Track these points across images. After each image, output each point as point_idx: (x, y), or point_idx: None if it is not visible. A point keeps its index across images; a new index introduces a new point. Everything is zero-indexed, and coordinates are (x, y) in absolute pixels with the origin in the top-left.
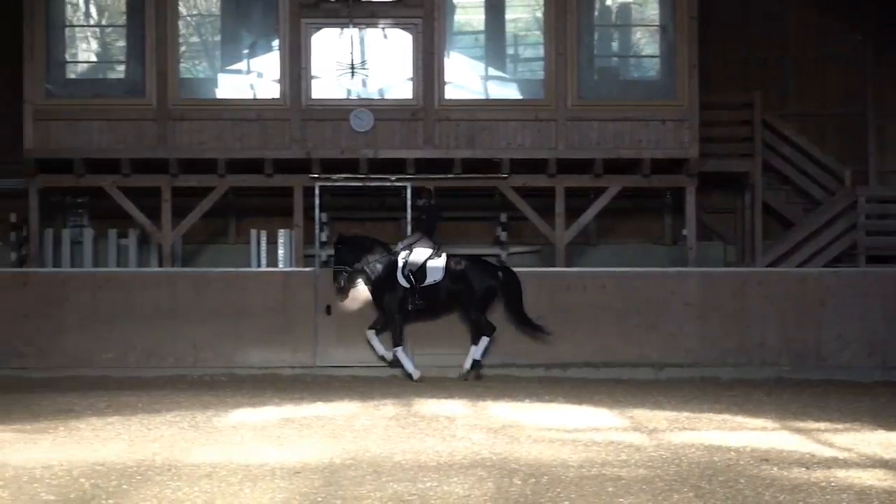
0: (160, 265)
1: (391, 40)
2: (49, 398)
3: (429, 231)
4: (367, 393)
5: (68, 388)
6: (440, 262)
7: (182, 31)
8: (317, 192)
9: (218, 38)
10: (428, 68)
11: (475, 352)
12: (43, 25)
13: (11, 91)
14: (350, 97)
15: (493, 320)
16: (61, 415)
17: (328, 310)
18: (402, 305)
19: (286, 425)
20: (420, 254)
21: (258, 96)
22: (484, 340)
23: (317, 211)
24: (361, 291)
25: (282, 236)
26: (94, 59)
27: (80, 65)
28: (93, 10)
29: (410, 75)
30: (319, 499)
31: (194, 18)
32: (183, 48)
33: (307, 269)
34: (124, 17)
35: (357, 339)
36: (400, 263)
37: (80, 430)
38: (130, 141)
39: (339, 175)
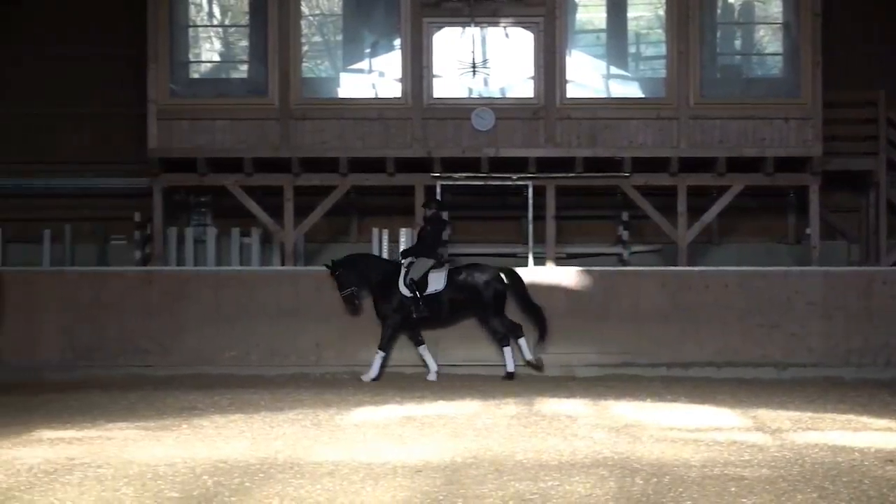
0: (282, 264)
1: (512, 39)
2: (173, 396)
3: (434, 241)
4: (488, 391)
5: (191, 386)
6: (442, 271)
7: (304, 30)
8: (438, 190)
9: (340, 37)
10: (549, 67)
11: (508, 357)
12: (167, 26)
13: (136, 91)
14: (471, 96)
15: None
16: (185, 412)
17: None
18: (402, 314)
19: (408, 423)
20: (422, 264)
21: (380, 95)
22: (522, 341)
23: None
24: None
25: (403, 235)
26: (217, 58)
27: (204, 65)
28: (216, 10)
29: (532, 74)
30: (441, 497)
31: (316, 18)
32: (305, 48)
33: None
34: (247, 17)
35: (477, 338)
36: (401, 273)
37: (203, 427)
38: (253, 140)
39: (460, 174)
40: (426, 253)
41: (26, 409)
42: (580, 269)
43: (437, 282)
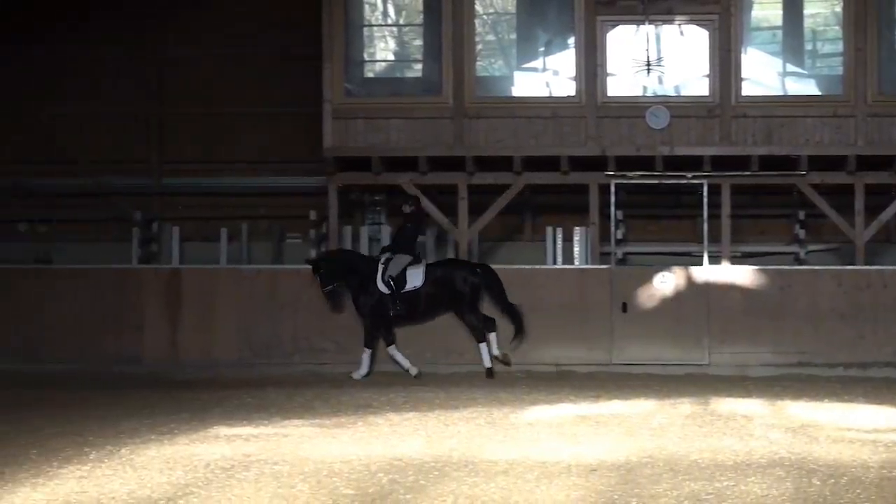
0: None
1: (687, 37)
2: (348, 393)
3: (413, 238)
4: (663, 391)
5: (366, 384)
6: (420, 268)
7: (478, 29)
8: (612, 189)
9: (513, 36)
10: (724, 65)
11: (485, 352)
12: (342, 26)
13: (311, 91)
14: (646, 94)
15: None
16: (360, 410)
17: (624, 307)
18: (381, 310)
19: (582, 422)
20: (400, 260)
21: (554, 94)
22: (492, 336)
23: (612, 208)
24: (659, 289)
25: (577, 234)
26: (391, 58)
27: (378, 64)
28: (390, 10)
29: (707, 72)
30: (615, 497)
31: (490, 17)
32: (479, 46)
33: (603, 266)
34: (421, 16)
35: (653, 337)
36: (379, 270)
37: (378, 425)
38: (427, 139)
39: (634, 172)
40: (404, 250)
41: (203, 406)
42: (755, 267)
43: (415, 278)
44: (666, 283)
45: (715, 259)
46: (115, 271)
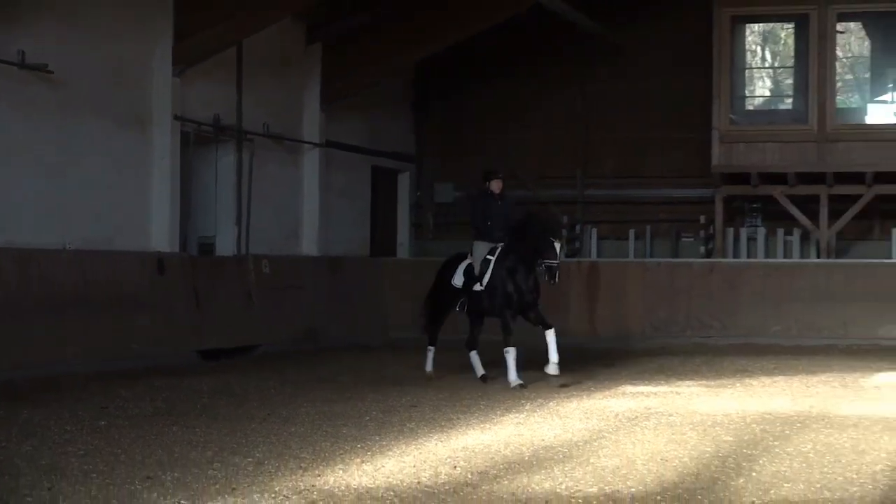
0: (818, 258)
1: None
2: (728, 360)
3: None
4: None
5: (743, 353)
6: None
7: (839, 70)
8: None
9: (867, 74)
10: None
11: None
12: (728, 69)
13: (701, 120)
14: None
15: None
16: (738, 374)
17: None
18: None
19: None
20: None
21: None
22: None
23: None
24: None
25: None
26: (767, 94)
27: (757, 99)
28: (767, 55)
29: None
30: None
31: (849, 59)
32: (839, 84)
33: None
34: (792, 60)
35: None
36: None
37: (752, 386)
38: (795, 158)
39: None
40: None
41: (615, 369)
42: None
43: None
44: None
45: None
46: None
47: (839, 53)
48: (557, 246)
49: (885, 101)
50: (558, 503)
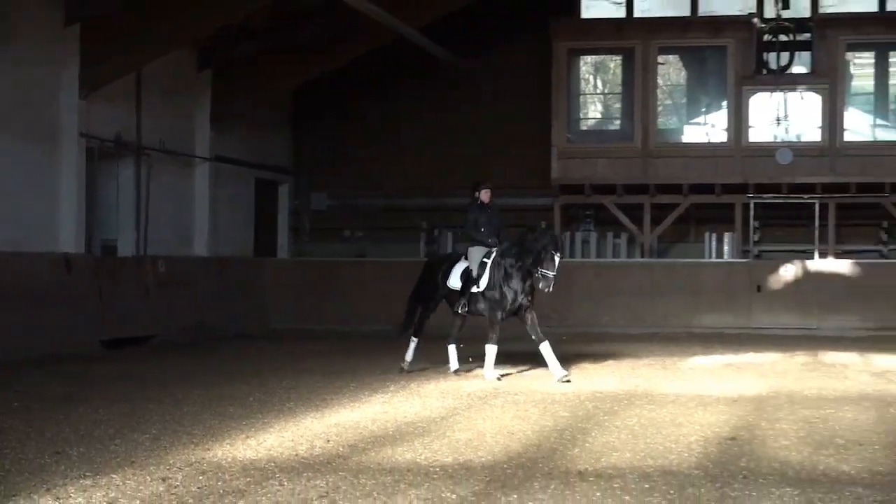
0: (642, 258)
1: (806, 100)
2: (566, 346)
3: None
4: (785, 346)
5: (579, 341)
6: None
7: (659, 96)
8: (751, 207)
9: (684, 100)
10: (832, 119)
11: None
12: (565, 95)
13: (542, 138)
14: (776, 140)
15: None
16: (574, 358)
17: (758, 289)
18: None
19: (727, 368)
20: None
21: (712, 140)
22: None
23: (751, 220)
24: (783, 276)
25: (726, 238)
26: (598, 116)
27: (589, 120)
28: (598, 83)
29: (819, 124)
30: (750, 419)
31: (668, 87)
32: (660, 108)
33: (744, 260)
34: (620, 88)
35: (779, 309)
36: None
37: (586, 368)
38: (622, 172)
39: (768, 195)
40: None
41: (467, 355)
42: (851, 261)
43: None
44: (788, 272)
45: (823, 255)
46: (410, 263)
47: (660, 82)
48: (557, 259)
49: (698, 123)
50: (418, 472)
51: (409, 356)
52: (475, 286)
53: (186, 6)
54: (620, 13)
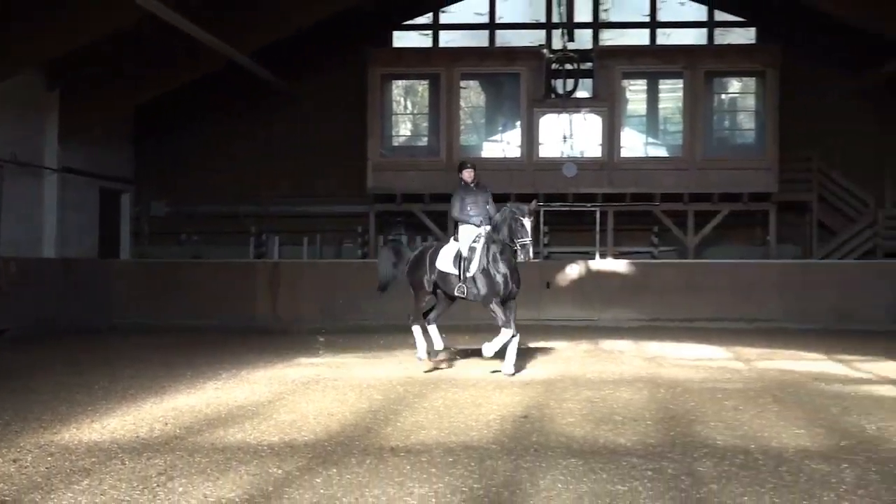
0: None
1: (588, 121)
2: (380, 337)
3: None
4: (570, 335)
5: (392, 332)
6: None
7: (462, 116)
8: (541, 213)
9: (483, 120)
10: (611, 137)
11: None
12: (378, 115)
13: (360, 152)
14: (563, 155)
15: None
16: (386, 348)
17: (547, 285)
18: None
19: (521, 354)
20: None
21: (507, 155)
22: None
23: (541, 225)
24: (569, 274)
25: None
26: (409, 133)
27: (401, 137)
28: (409, 104)
29: (600, 142)
30: (540, 399)
31: (469, 108)
32: (462, 126)
33: (535, 259)
34: (427, 108)
35: (565, 303)
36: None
37: (397, 356)
38: (430, 183)
39: (555, 203)
40: None
41: (292, 345)
42: (628, 261)
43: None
44: (573, 270)
45: (603, 256)
46: (241, 264)
47: (462, 104)
48: (527, 223)
49: (495, 140)
50: (248, 450)
51: (437, 345)
52: (467, 270)
53: (35, 31)
54: (428, 43)
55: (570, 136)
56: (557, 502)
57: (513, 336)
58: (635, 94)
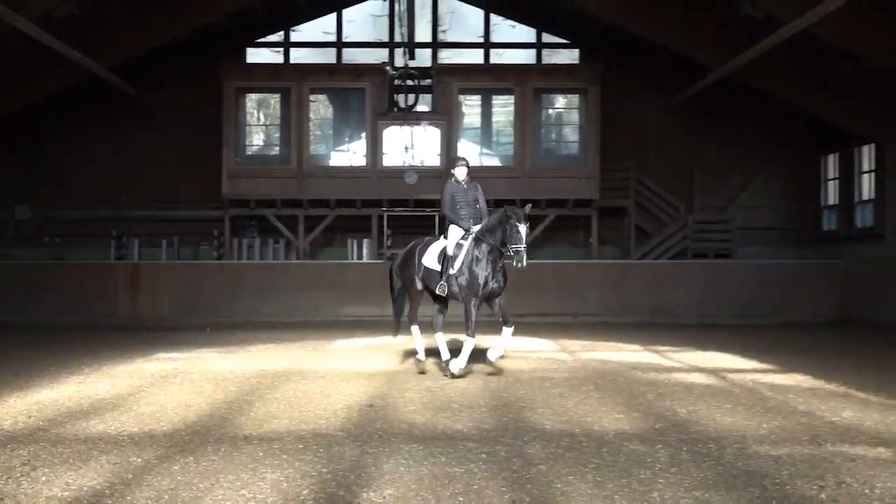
0: (297, 259)
1: (428, 133)
2: (234, 333)
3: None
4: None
5: (245, 328)
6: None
7: (311, 128)
8: (385, 218)
9: (331, 131)
10: (448, 148)
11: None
12: (233, 125)
13: (217, 161)
14: (405, 164)
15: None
16: (241, 342)
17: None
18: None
19: (366, 349)
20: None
21: (353, 164)
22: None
23: (384, 229)
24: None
25: (365, 243)
26: (261, 143)
27: (254, 146)
28: (262, 116)
29: (439, 152)
30: (384, 389)
31: (318, 120)
32: (311, 137)
33: (379, 260)
34: (279, 119)
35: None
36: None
37: (251, 351)
38: (282, 189)
39: (398, 208)
40: None
41: (151, 341)
42: None
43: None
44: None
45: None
46: (102, 265)
47: (311, 116)
48: (523, 228)
49: (343, 150)
50: (109, 441)
51: (443, 355)
52: (450, 268)
53: None
54: (279, 59)
55: (412, 146)
56: (400, 484)
57: (509, 330)
58: (471, 108)
